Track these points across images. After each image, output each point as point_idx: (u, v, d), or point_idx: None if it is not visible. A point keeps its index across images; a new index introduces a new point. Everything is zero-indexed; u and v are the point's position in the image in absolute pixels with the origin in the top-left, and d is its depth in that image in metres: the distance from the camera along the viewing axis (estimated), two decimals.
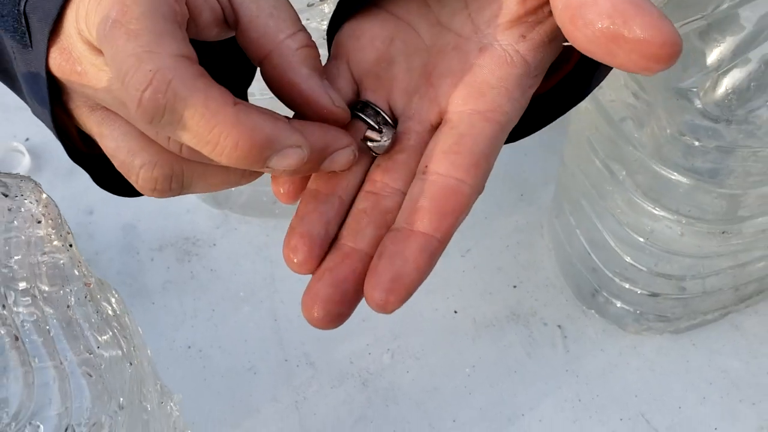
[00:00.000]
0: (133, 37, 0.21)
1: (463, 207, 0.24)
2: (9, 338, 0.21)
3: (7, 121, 0.60)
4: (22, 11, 0.24)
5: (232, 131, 0.21)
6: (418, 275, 0.23)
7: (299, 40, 0.25)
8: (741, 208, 0.37)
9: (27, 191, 0.26)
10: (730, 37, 0.33)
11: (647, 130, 0.37)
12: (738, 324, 0.49)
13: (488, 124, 0.25)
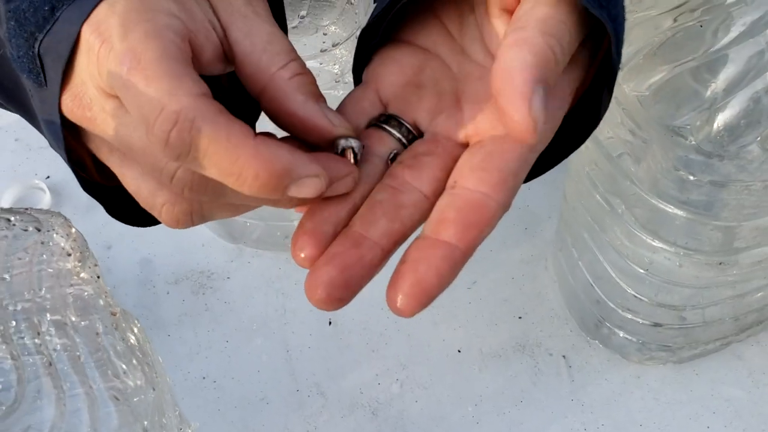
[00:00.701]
0: (152, 81, 0.22)
1: (487, 221, 0.25)
2: (43, 365, 0.23)
3: (28, 159, 0.62)
4: (36, 53, 0.25)
5: (252, 163, 0.22)
6: (439, 282, 0.23)
7: (291, 69, 0.25)
8: (736, 239, 0.39)
9: (57, 226, 0.28)
10: (721, 77, 0.35)
11: (644, 165, 0.38)
12: (740, 354, 0.50)
13: (517, 144, 0.25)
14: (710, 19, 0.34)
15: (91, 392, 0.24)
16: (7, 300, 0.24)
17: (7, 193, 0.59)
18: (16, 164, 0.62)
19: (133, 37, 0.23)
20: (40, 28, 0.25)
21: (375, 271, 0.25)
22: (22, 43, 0.25)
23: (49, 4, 0.24)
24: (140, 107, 0.23)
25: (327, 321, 0.52)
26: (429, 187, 0.26)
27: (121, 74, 0.23)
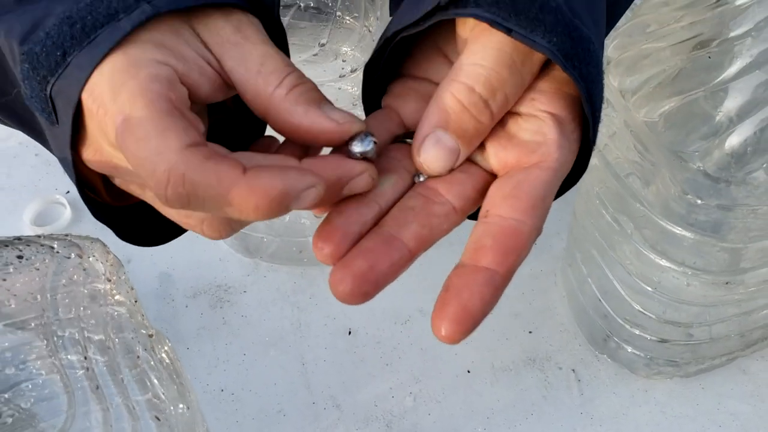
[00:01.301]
0: (141, 143, 0.24)
1: (523, 245, 0.25)
2: (91, 385, 0.24)
3: (48, 175, 0.63)
4: (48, 95, 0.26)
5: (249, 197, 0.23)
6: (483, 307, 0.24)
7: (287, 84, 0.26)
8: (743, 260, 0.40)
9: (95, 251, 0.29)
10: (729, 106, 0.36)
11: (653, 188, 0.39)
12: (745, 368, 0.52)
13: (542, 171, 0.27)
14: (718, 51, 0.35)
15: (134, 412, 0.25)
16: (55, 324, 0.25)
17: (29, 208, 0.60)
18: (37, 179, 0.63)
19: (121, 98, 0.24)
20: (52, 72, 0.26)
21: (400, 272, 0.25)
22: (35, 84, 0.26)
23: (61, 49, 0.25)
24: (137, 167, 0.24)
25: (342, 333, 0.53)
26: (459, 202, 0.27)
27: (117, 137, 0.24)
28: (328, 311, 0.55)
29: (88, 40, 0.25)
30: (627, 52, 0.39)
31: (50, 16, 0.26)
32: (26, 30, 0.26)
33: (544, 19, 0.26)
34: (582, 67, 0.26)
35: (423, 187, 0.27)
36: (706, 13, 0.37)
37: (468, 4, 0.26)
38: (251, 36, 0.27)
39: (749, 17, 0.35)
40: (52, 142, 0.28)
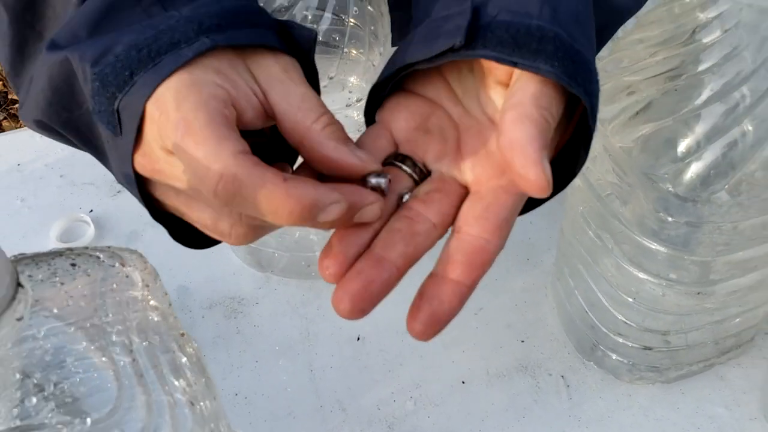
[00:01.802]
0: (200, 145, 0.27)
1: (488, 261, 0.29)
2: (136, 375, 0.28)
3: (72, 195, 0.67)
4: (115, 109, 0.30)
5: (286, 203, 0.27)
6: (450, 312, 0.29)
7: (323, 122, 0.30)
8: (712, 272, 0.44)
9: (135, 262, 0.34)
10: (695, 133, 0.40)
11: (630, 207, 0.43)
12: (722, 375, 0.55)
13: (509, 196, 0.30)
14: (686, 84, 0.40)
15: (171, 399, 0.29)
16: (105, 323, 0.29)
17: (54, 226, 0.64)
18: (62, 199, 0.67)
19: (185, 107, 0.28)
20: (120, 89, 0.29)
21: (391, 288, 0.29)
22: (104, 101, 0.30)
23: (129, 70, 0.29)
24: (192, 166, 0.28)
25: (348, 342, 0.57)
26: (437, 218, 0.31)
27: (176, 139, 0.28)
28: (335, 321, 0.58)
29: (153, 63, 0.29)
30: (605, 84, 0.44)
31: (119, 44, 0.30)
32: (97, 54, 0.30)
33: (544, 49, 0.30)
34: (586, 84, 0.30)
35: (406, 208, 0.31)
36: (676, 50, 0.42)
37: (476, 46, 0.30)
38: (295, 77, 0.31)
39: (713, 54, 0.40)
40: (113, 153, 0.32)
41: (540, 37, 0.30)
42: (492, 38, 0.30)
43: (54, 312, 0.29)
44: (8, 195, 0.67)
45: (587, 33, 0.32)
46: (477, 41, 0.30)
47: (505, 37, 0.30)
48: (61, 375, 0.29)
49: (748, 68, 0.39)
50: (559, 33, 0.30)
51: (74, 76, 0.31)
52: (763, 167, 0.39)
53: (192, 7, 0.31)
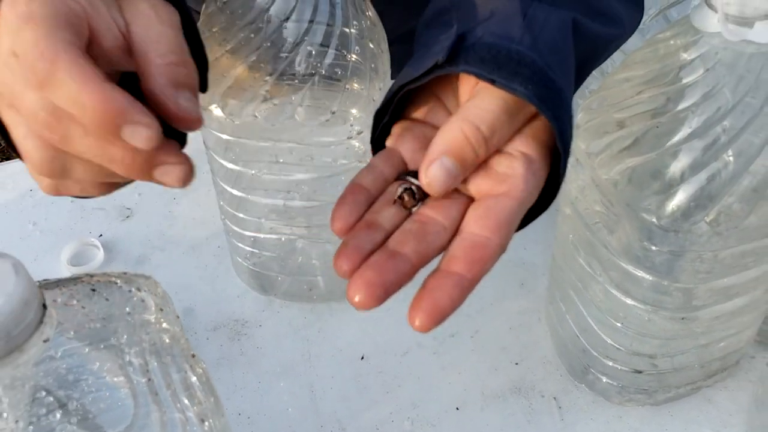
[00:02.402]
0: (36, 29, 0.27)
1: (489, 257, 0.31)
2: (151, 393, 0.30)
3: (83, 219, 0.70)
4: None
5: (94, 97, 0.27)
6: (451, 304, 0.29)
7: (167, 58, 0.30)
8: (695, 299, 0.46)
9: (149, 286, 0.36)
10: (676, 168, 0.42)
11: (616, 235, 0.46)
12: (710, 397, 0.57)
13: (509, 200, 0.32)
14: (668, 121, 0.42)
15: (183, 416, 0.31)
16: (122, 344, 0.31)
17: (65, 249, 0.66)
18: (72, 223, 0.70)
19: (34, 4, 0.28)
20: None
21: (405, 280, 0.30)
22: None
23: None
24: (22, 48, 0.28)
25: (349, 363, 0.59)
26: (447, 221, 0.33)
27: (18, 27, 0.28)
28: (335, 344, 0.60)
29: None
30: (593, 120, 0.46)
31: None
32: None
33: (521, 72, 0.32)
34: (555, 110, 0.33)
35: (417, 214, 0.33)
36: (661, 88, 0.44)
37: (459, 63, 0.33)
38: (163, 18, 0.32)
39: (695, 92, 0.42)
40: None
41: (518, 60, 0.33)
42: (474, 56, 0.33)
43: (75, 334, 0.31)
44: (21, 219, 0.70)
45: (564, 64, 0.35)
46: (460, 58, 0.33)
47: (486, 57, 0.33)
48: (79, 393, 0.31)
49: (727, 105, 0.41)
50: (536, 60, 0.33)
51: None
52: (740, 199, 0.41)
53: None
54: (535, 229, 0.68)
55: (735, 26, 0.39)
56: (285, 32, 0.48)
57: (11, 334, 0.25)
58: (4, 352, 0.26)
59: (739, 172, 0.41)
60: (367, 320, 0.62)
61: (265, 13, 0.48)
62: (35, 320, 0.27)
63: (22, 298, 0.25)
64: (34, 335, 0.27)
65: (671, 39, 0.44)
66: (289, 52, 0.49)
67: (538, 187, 0.34)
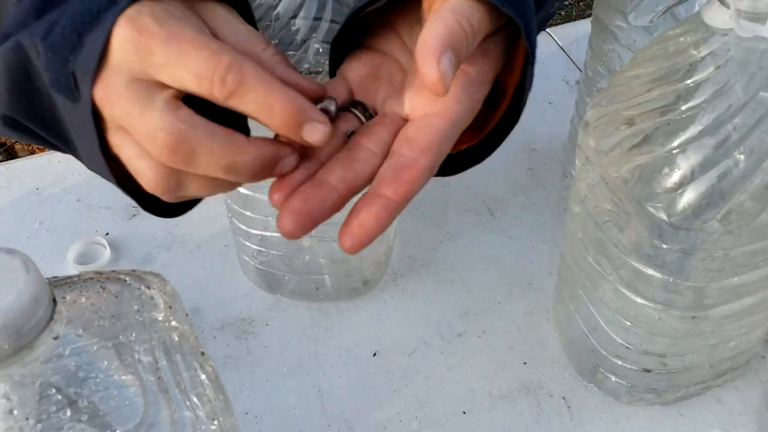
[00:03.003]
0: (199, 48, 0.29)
1: (417, 179, 0.31)
2: (161, 391, 0.30)
3: (89, 218, 0.70)
4: (70, 72, 0.31)
5: (281, 98, 0.29)
6: (377, 225, 0.30)
7: (271, 51, 0.33)
8: (705, 297, 0.46)
9: (158, 284, 0.36)
10: (686, 165, 0.42)
11: (626, 234, 0.45)
12: (720, 397, 0.57)
13: (440, 120, 0.32)
14: (679, 119, 0.42)
15: (193, 414, 0.31)
16: (132, 342, 0.31)
17: (72, 248, 0.66)
18: (79, 222, 0.70)
19: (169, 23, 0.30)
20: (72, 52, 0.31)
21: (331, 210, 0.31)
22: (59, 67, 0.31)
23: (76, 33, 0.31)
24: (194, 68, 0.29)
25: (356, 362, 0.59)
26: (378, 147, 0.33)
27: (168, 51, 0.29)
28: (342, 343, 0.60)
29: (97, 22, 0.31)
30: (603, 118, 0.46)
31: (63, 16, 0.32)
32: (46, 30, 0.32)
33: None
34: (518, 6, 0.32)
35: (349, 142, 0.34)
36: (672, 86, 0.44)
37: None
38: (238, 20, 0.34)
39: (706, 89, 0.42)
40: (75, 121, 0.33)
41: None
42: None
43: (84, 331, 0.31)
44: (27, 218, 0.70)
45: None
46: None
47: None
48: (88, 390, 0.31)
49: (739, 102, 0.41)
50: None
51: (28, 60, 0.33)
52: (752, 197, 0.41)
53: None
54: (542, 228, 0.69)
55: (747, 22, 0.38)
56: (292, 30, 0.48)
57: (21, 331, 0.25)
58: (14, 349, 0.26)
59: (751, 169, 0.41)
60: (375, 319, 0.62)
61: (273, 11, 0.48)
62: (45, 317, 0.26)
63: (33, 295, 0.25)
64: (44, 332, 0.27)
65: (681, 36, 0.44)
66: (296, 50, 0.49)
67: (473, 108, 0.34)
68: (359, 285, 0.63)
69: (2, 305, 0.25)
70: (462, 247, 0.67)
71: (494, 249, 0.67)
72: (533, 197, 0.72)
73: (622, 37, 0.58)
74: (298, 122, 0.30)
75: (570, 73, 0.86)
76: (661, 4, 0.54)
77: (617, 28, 0.58)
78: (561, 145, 0.76)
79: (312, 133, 0.31)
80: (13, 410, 0.28)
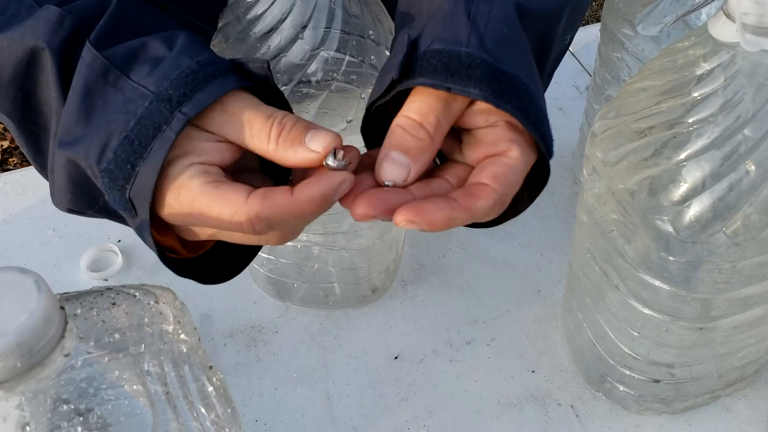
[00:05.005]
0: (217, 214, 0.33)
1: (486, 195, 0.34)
2: (169, 404, 0.31)
3: (102, 225, 0.70)
4: (128, 198, 0.34)
5: (303, 208, 0.32)
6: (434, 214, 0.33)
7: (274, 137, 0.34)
8: (713, 309, 0.46)
9: (167, 298, 0.36)
10: (693, 179, 0.42)
11: (633, 245, 0.45)
12: (728, 407, 0.57)
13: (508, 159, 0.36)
14: (684, 132, 0.42)
15: (201, 426, 0.31)
16: (141, 355, 0.32)
17: (84, 255, 0.67)
18: (91, 229, 0.70)
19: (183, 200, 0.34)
20: (127, 181, 0.34)
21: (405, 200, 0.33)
22: (116, 192, 0.35)
23: (129, 163, 0.34)
24: (227, 228, 0.34)
25: (365, 370, 0.59)
26: (454, 179, 0.36)
27: (196, 221, 0.34)
28: (351, 351, 0.61)
29: (147, 151, 0.33)
30: (610, 130, 0.46)
31: (112, 137, 0.34)
32: (98, 153, 0.34)
33: (473, 75, 0.34)
34: (513, 101, 0.35)
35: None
36: (678, 99, 0.44)
37: (416, 76, 0.35)
38: (235, 111, 0.35)
39: (709, 105, 0.42)
40: (137, 230, 0.37)
41: (469, 64, 0.34)
42: (427, 67, 0.35)
43: (94, 345, 0.32)
44: (40, 225, 0.71)
45: (516, 53, 0.37)
46: (415, 71, 0.35)
47: (438, 66, 0.35)
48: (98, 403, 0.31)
49: (747, 115, 0.41)
50: (485, 59, 0.35)
51: (86, 174, 0.36)
52: (759, 210, 0.41)
53: (156, 78, 0.34)
54: (551, 235, 0.69)
55: (753, 36, 0.38)
56: (301, 41, 0.49)
57: (34, 350, 0.26)
58: (26, 367, 0.26)
59: (758, 182, 0.41)
60: (383, 327, 0.62)
61: (282, 22, 0.48)
62: (57, 335, 0.27)
63: (44, 314, 0.26)
64: (55, 350, 0.27)
65: (689, 48, 0.44)
66: (306, 61, 0.49)
67: (530, 150, 0.36)
68: (368, 293, 0.63)
69: (15, 325, 0.25)
70: (471, 254, 0.67)
71: (503, 256, 0.67)
72: (542, 204, 0.72)
73: (630, 46, 0.58)
74: (329, 202, 0.33)
75: (580, 79, 0.86)
76: (670, 14, 0.54)
77: (625, 37, 0.58)
78: (571, 152, 0.76)
79: (339, 194, 0.33)
80: (27, 426, 0.28)
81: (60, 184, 0.37)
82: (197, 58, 0.35)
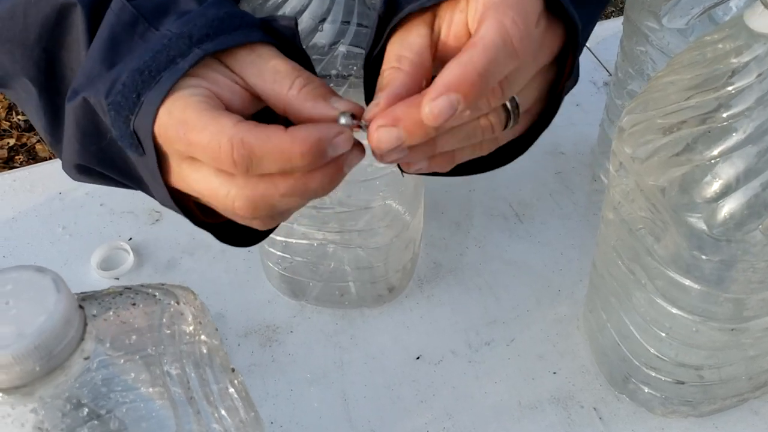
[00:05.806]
0: (203, 131, 0.31)
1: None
2: (191, 406, 0.29)
3: (112, 223, 0.69)
4: (132, 130, 0.33)
5: (294, 148, 0.30)
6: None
7: (297, 85, 0.33)
8: (746, 309, 0.44)
9: (187, 298, 0.35)
10: (727, 175, 0.40)
11: (663, 243, 0.44)
12: (756, 410, 0.55)
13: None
14: (719, 127, 0.40)
15: (222, 427, 0.30)
16: (162, 356, 0.30)
17: (95, 253, 0.66)
18: (102, 227, 0.69)
19: (176, 115, 0.32)
20: (132, 111, 0.33)
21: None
22: (122, 125, 0.33)
23: (135, 92, 0.32)
24: (205, 152, 0.31)
25: (382, 371, 0.58)
26: None
27: (183, 140, 0.31)
28: (368, 351, 0.59)
29: (155, 81, 0.32)
30: (638, 125, 0.45)
31: (124, 72, 0.33)
32: (108, 87, 0.33)
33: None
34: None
35: None
36: (708, 94, 0.42)
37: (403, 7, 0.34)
38: (264, 54, 0.34)
39: (744, 99, 0.40)
40: (145, 173, 0.35)
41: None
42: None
43: (112, 346, 0.31)
44: (50, 223, 0.70)
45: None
46: (401, 3, 0.34)
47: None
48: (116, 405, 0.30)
49: None
50: None
51: (95, 113, 0.34)
52: None
53: (181, 23, 0.33)
54: (571, 234, 0.67)
55: None
56: (320, 34, 0.47)
57: (53, 353, 0.25)
58: (45, 370, 0.25)
59: None
60: (401, 327, 0.61)
61: (300, 15, 0.47)
62: (77, 337, 0.26)
63: (64, 315, 0.25)
64: (75, 353, 0.26)
65: (720, 42, 0.42)
66: (324, 54, 0.48)
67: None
68: (385, 292, 0.62)
69: (33, 327, 0.24)
70: (489, 252, 0.66)
71: (522, 255, 0.66)
72: (561, 201, 0.70)
73: (655, 39, 0.56)
74: (322, 152, 0.31)
75: (597, 74, 0.85)
76: (697, 7, 0.53)
77: (650, 30, 0.57)
78: (590, 148, 0.74)
79: (337, 149, 0.31)
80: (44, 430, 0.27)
81: (68, 134, 0.36)
82: (225, 9, 0.34)
